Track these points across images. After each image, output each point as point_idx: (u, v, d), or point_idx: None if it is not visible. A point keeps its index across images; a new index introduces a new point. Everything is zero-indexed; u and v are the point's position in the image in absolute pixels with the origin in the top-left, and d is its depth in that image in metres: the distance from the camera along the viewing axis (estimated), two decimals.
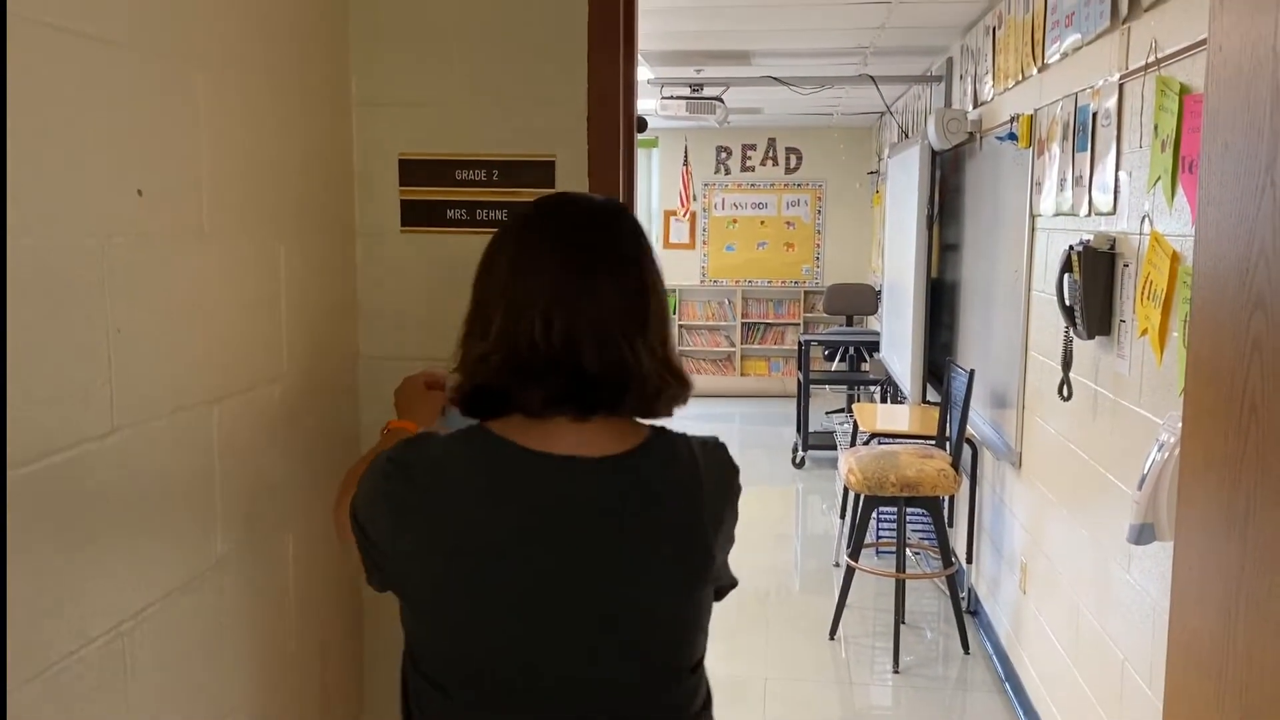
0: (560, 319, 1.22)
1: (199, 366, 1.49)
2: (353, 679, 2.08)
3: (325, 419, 1.93)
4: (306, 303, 1.83)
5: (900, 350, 5.97)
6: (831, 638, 4.48)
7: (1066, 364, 3.13)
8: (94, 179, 1.26)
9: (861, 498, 4.43)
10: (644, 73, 6.26)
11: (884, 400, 7.21)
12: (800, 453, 7.44)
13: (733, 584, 1.42)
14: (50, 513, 1.19)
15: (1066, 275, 2.93)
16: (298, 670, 1.86)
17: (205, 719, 1.54)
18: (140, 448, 1.35)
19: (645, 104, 6.68)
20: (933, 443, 4.72)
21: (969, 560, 4.74)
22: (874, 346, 7.75)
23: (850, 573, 4.47)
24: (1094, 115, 2.96)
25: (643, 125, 2.10)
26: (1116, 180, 2.78)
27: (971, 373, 4.32)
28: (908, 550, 4.59)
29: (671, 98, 6.58)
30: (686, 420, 1.33)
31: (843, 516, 5.47)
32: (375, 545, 1.28)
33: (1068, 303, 2.95)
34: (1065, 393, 3.14)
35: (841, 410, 8.23)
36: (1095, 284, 2.81)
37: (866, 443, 5.11)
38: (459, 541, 1.23)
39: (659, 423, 1.36)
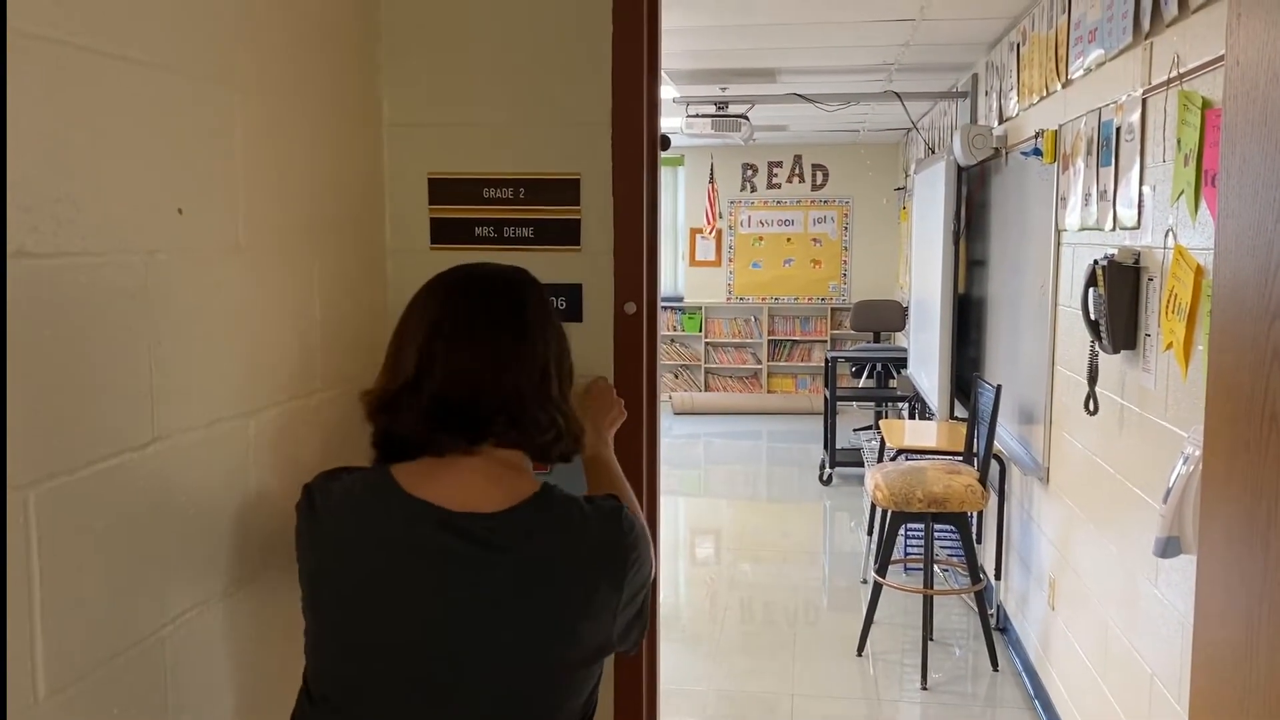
0: (443, 349, 1.35)
1: (236, 379, 1.54)
2: None
3: (356, 431, 1.97)
4: (339, 318, 1.87)
5: (928, 366, 5.97)
6: (859, 654, 4.47)
7: (1092, 378, 3.13)
8: (138, 198, 1.30)
9: (889, 514, 4.43)
10: (669, 91, 6.31)
11: (912, 416, 7.20)
12: (828, 470, 7.43)
13: (626, 651, 1.42)
14: (94, 518, 1.23)
15: (1091, 290, 2.93)
16: None
17: None
18: (179, 458, 1.40)
19: (670, 122, 6.73)
20: (960, 459, 4.71)
21: (997, 576, 4.72)
22: (901, 363, 7.73)
23: (878, 589, 4.46)
24: (1117, 130, 2.97)
25: (666, 143, 2.13)
26: (1140, 195, 2.79)
27: (999, 388, 4.32)
28: (935, 567, 4.58)
29: (697, 115, 6.63)
30: (714, 437, 1.38)
31: (870, 533, 5.46)
32: None
33: (1093, 317, 2.95)
34: (1091, 407, 3.14)
35: (869, 427, 8.21)
36: (1120, 298, 2.81)
37: (894, 459, 5.10)
38: (328, 579, 1.35)
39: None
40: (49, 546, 1.15)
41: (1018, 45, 4.51)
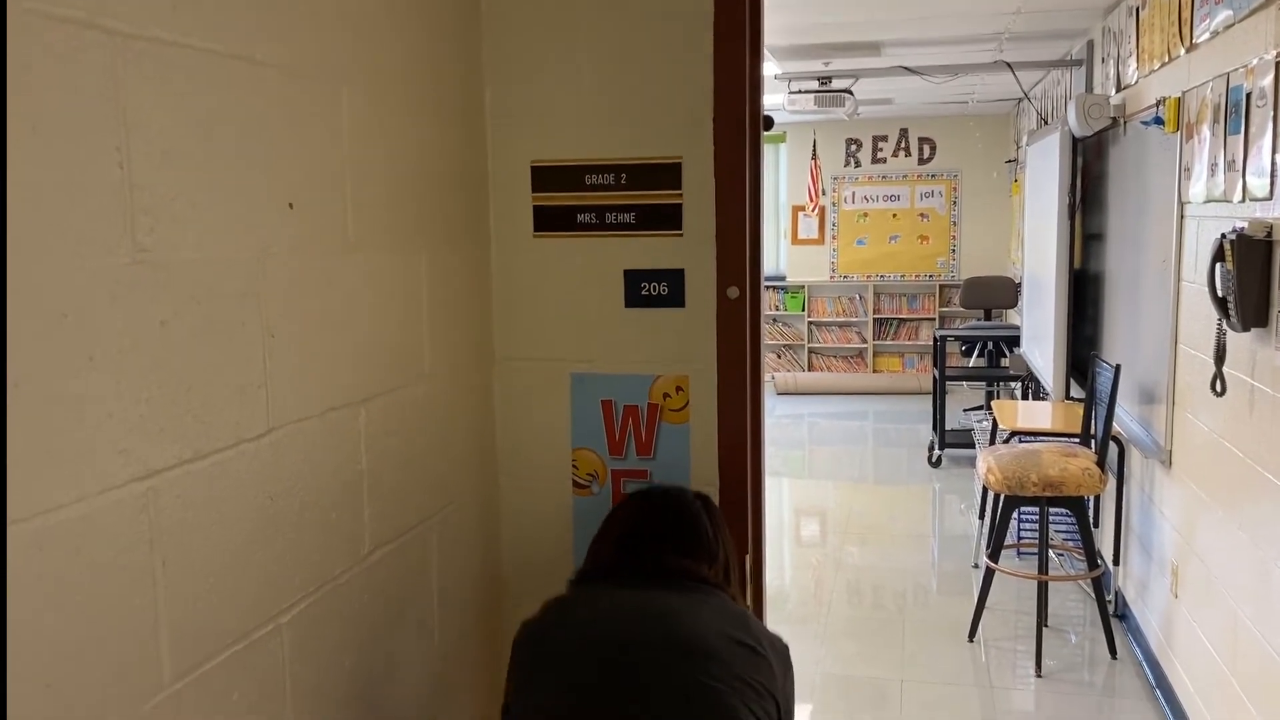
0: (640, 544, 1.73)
1: (347, 369, 1.57)
2: (492, 667, 2.15)
3: (464, 418, 2.00)
4: (446, 307, 1.89)
5: (1042, 345, 5.78)
6: (971, 640, 4.38)
7: (1220, 358, 2.98)
8: (251, 194, 1.34)
9: (1001, 498, 4.31)
10: (771, 68, 6.22)
11: (1025, 397, 6.99)
12: (937, 451, 7.27)
13: None
14: (214, 507, 1.27)
15: (1219, 265, 2.79)
16: (441, 660, 1.93)
17: (357, 710, 1.62)
18: (294, 447, 1.43)
19: (772, 99, 6.63)
20: (1077, 440, 4.55)
21: (1116, 562, 4.56)
22: (1014, 341, 7.51)
23: (990, 574, 4.35)
24: (1248, 96, 2.81)
25: (769, 124, 2.10)
26: (1273, 164, 2.64)
27: (1118, 368, 4.16)
28: (1050, 551, 4.44)
29: (799, 92, 6.52)
30: (818, 418, 1.36)
31: (981, 517, 5.33)
32: None
33: (1220, 294, 2.81)
34: (1219, 388, 2.99)
35: (979, 407, 8.00)
36: (1250, 273, 2.67)
37: (1006, 441, 4.96)
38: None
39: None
40: (172, 535, 1.19)
41: (1136, 9, 4.31)
